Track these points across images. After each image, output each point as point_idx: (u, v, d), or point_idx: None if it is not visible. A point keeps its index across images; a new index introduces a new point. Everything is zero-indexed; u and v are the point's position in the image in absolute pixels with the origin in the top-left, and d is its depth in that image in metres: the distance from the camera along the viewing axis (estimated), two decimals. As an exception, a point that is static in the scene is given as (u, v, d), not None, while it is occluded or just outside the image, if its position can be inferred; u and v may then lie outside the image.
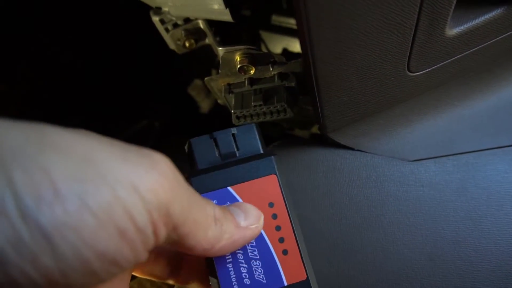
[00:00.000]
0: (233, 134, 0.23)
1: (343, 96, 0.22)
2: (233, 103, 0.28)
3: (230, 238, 0.19)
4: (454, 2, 0.18)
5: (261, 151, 0.23)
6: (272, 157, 0.22)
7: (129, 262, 0.14)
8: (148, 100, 0.50)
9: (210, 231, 0.17)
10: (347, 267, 0.24)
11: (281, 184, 0.22)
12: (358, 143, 0.27)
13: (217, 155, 0.23)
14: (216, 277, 0.21)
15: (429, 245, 0.24)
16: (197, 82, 0.44)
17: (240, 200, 0.21)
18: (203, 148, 0.23)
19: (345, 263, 0.24)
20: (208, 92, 0.45)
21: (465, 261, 0.23)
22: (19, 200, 0.12)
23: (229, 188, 0.22)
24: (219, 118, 0.46)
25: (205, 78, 0.28)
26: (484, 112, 0.26)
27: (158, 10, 0.28)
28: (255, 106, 0.27)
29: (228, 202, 0.21)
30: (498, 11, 0.20)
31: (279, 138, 0.36)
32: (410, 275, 0.24)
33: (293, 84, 0.27)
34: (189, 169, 0.23)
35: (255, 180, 0.22)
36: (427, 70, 0.23)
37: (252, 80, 0.27)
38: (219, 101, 0.32)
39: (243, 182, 0.22)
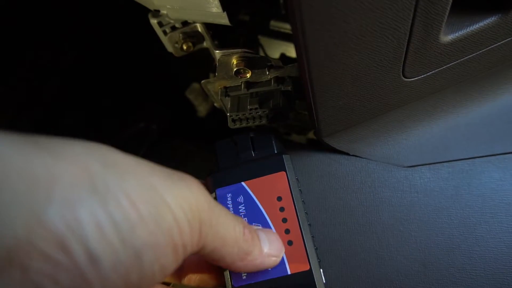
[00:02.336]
0: (251, 137, 0.27)
1: (338, 101, 0.22)
2: (229, 106, 0.28)
3: (252, 261, 0.20)
4: (448, 8, 0.18)
5: (275, 151, 0.26)
6: (283, 156, 0.25)
7: (171, 272, 0.16)
8: (146, 102, 0.50)
9: (236, 248, 0.19)
10: (340, 272, 0.24)
11: (289, 180, 0.24)
12: (353, 148, 0.27)
13: (236, 155, 0.26)
14: None
15: (422, 252, 0.24)
16: (195, 85, 0.44)
17: (252, 193, 0.24)
18: (224, 149, 0.27)
19: (337, 269, 0.24)
20: (206, 95, 0.45)
21: (459, 268, 0.23)
22: (117, 228, 0.13)
23: (243, 183, 0.25)
24: (217, 122, 0.46)
25: (202, 81, 0.28)
26: (479, 120, 0.26)
27: (156, 13, 0.28)
28: (251, 109, 0.27)
29: (241, 196, 0.24)
30: (493, 19, 0.21)
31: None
32: (403, 281, 0.24)
33: (289, 88, 0.27)
34: (214, 166, 0.27)
35: (267, 176, 0.24)
36: (422, 76, 0.23)
37: (249, 84, 0.27)
38: (215, 104, 0.32)
39: (256, 178, 0.24)
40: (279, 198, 0.24)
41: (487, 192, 0.24)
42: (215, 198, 0.25)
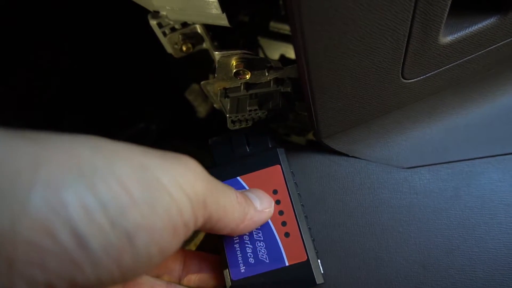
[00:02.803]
0: (245, 134, 0.27)
1: (338, 102, 0.22)
2: (228, 107, 0.28)
3: (251, 219, 0.21)
4: (447, 10, 0.18)
5: (269, 146, 0.26)
6: (277, 149, 0.25)
7: (172, 253, 0.16)
8: (146, 103, 0.50)
9: (236, 213, 0.20)
10: (339, 273, 0.24)
11: (284, 173, 0.24)
12: (352, 149, 0.27)
13: (231, 151, 0.26)
14: (225, 256, 0.23)
15: (422, 253, 0.24)
16: (195, 86, 0.44)
17: (248, 188, 0.24)
18: (219, 146, 0.27)
19: (337, 270, 0.24)
20: (205, 96, 0.45)
21: (458, 269, 0.23)
22: (106, 210, 0.13)
23: (238, 178, 0.25)
24: (216, 123, 0.46)
25: (202, 82, 0.28)
26: (478, 121, 0.26)
27: (156, 14, 0.28)
28: (250, 110, 0.27)
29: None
30: (491, 20, 0.21)
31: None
32: (402, 283, 0.24)
33: (288, 90, 0.27)
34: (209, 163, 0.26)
35: (262, 170, 0.25)
36: (422, 77, 0.23)
37: (248, 85, 0.27)
38: (215, 105, 0.32)
39: (251, 172, 0.25)
40: (275, 191, 0.24)
41: (486, 193, 0.24)
42: None
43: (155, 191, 0.14)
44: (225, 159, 0.26)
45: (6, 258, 0.11)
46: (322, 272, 0.23)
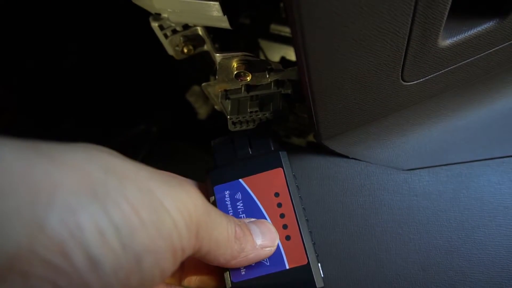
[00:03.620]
0: (248, 135, 0.27)
1: (338, 104, 0.23)
2: (229, 109, 0.28)
3: (246, 257, 0.21)
4: (446, 13, 0.19)
5: (272, 148, 0.26)
6: (280, 152, 0.25)
7: (169, 275, 0.16)
8: (146, 105, 0.50)
9: (228, 250, 0.20)
10: (339, 275, 0.24)
11: (286, 177, 0.24)
12: (352, 151, 0.27)
13: (233, 152, 0.26)
14: None
15: (421, 255, 0.24)
16: (195, 88, 0.45)
17: (249, 190, 0.24)
18: (222, 147, 0.27)
19: (337, 271, 0.24)
20: (206, 98, 0.45)
21: (457, 271, 0.23)
22: (119, 232, 0.13)
23: (240, 180, 0.25)
24: (217, 125, 0.46)
25: (202, 84, 0.28)
26: (477, 124, 0.26)
27: (157, 16, 0.28)
28: (251, 112, 0.27)
29: (239, 192, 0.25)
30: (490, 23, 0.21)
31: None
32: (402, 284, 0.24)
33: (289, 91, 0.27)
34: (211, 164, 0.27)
35: (264, 173, 0.25)
36: (421, 80, 0.23)
37: (249, 87, 0.28)
38: (216, 107, 0.32)
39: (253, 175, 0.25)
40: (277, 194, 0.24)
41: (485, 195, 0.25)
42: (214, 196, 0.25)
43: (160, 214, 0.15)
44: (227, 160, 0.26)
45: (22, 272, 0.12)
46: (322, 276, 0.23)
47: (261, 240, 0.22)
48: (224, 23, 0.25)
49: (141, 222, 0.14)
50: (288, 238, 0.23)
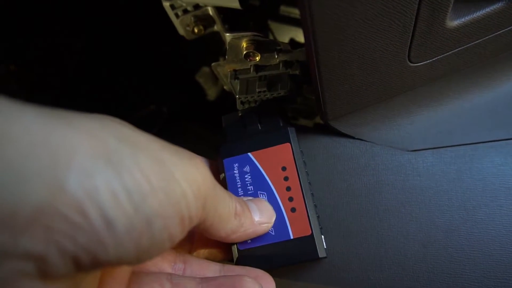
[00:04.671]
0: (257, 112, 0.28)
1: (344, 84, 0.23)
2: (238, 88, 0.28)
3: (244, 232, 0.22)
4: (454, -7, 0.19)
5: (281, 125, 0.27)
6: (288, 128, 0.26)
7: (178, 241, 0.17)
8: (157, 86, 0.51)
9: (229, 224, 0.21)
10: (342, 251, 0.25)
11: (294, 151, 0.25)
12: (358, 132, 0.27)
13: (243, 127, 0.27)
14: None
15: (423, 233, 0.25)
16: (205, 69, 0.45)
17: (258, 163, 0.26)
18: (231, 122, 0.28)
19: (339, 247, 0.25)
20: (215, 79, 0.46)
21: (457, 249, 0.24)
22: (131, 196, 0.14)
23: (249, 154, 0.26)
24: (226, 105, 0.47)
25: (212, 64, 0.29)
26: (483, 106, 0.27)
27: (169, -4, 0.28)
28: (259, 92, 0.27)
29: (248, 166, 0.26)
30: (499, 4, 0.21)
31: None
32: (403, 260, 0.24)
33: (297, 72, 0.27)
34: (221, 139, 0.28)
35: (272, 147, 0.26)
36: (428, 61, 0.23)
37: (258, 67, 0.28)
38: (225, 87, 0.33)
39: (261, 149, 0.26)
40: (284, 168, 0.25)
41: (488, 176, 0.25)
42: (224, 171, 0.26)
43: (170, 183, 0.16)
44: (236, 135, 0.27)
45: (45, 226, 0.13)
46: (325, 247, 0.24)
47: (258, 216, 0.23)
48: (235, 3, 0.25)
49: (151, 188, 0.15)
50: (293, 210, 0.24)
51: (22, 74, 0.46)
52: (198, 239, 0.25)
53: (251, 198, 0.25)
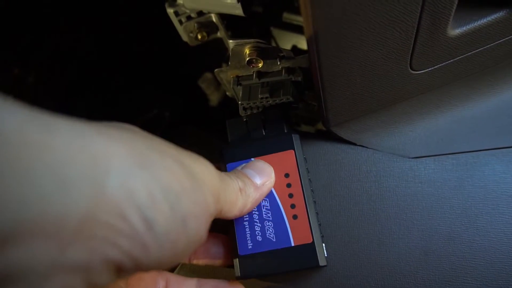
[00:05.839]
0: (262, 117, 0.28)
1: (346, 91, 0.23)
2: (240, 94, 0.29)
3: (253, 200, 0.23)
4: (456, 2, 0.19)
5: (285, 131, 0.27)
6: (292, 135, 0.26)
7: (204, 241, 0.18)
8: (159, 90, 0.52)
9: (239, 202, 0.22)
10: (343, 257, 0.25)
11: (297, 159, 0.25)
12: (360, 138, 0.27)
13: (246, 133, 0.27)
14: (234, 232, 0.24)
15: (424, 240, 0.25)
16: (208, 75, 0.45)
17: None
18: (235, 127, 0.28)
19: (341, 253, 0.25)
20: (218, 85, 0.46)
21: (459, 257, 0.24)
22: (167, 196, 0.15)
23: (252, 159, 0.26)
24: (228, 111, 0.47)
25: (215, 70, 0.29)
26: (485, 114, 0.27)
27: (173, 3, 0.29)
28: (261, 98, 0.28)
29: None
30: (501, 13, 0.21)
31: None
32: (404, 267, 0.24)
33: (299, 79, 0.28)
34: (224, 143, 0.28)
35: (275, 153, 0.26)
36: (430, 69, 0.23)
37: (260, 73, 0.28)
38: (227, 93, 0.33)
39: (265, 155, 0.26)
40: (287, 175, 0.25)
41: (489, 184, 0.25)
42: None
43: (195, 183, 0.16)
44: (240, 140, 0.27)
45: (89, 236, 0.13)
46: (325, 255, 0.24)
47: (259, 179, 0.24)
48: (238, 10, 0.25)
49: (183, 188, 0.15)
50: (295, 217, 0.24)
51: (26, 78, 0.47)
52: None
53: (244, 164, 0.25)
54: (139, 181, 0.14)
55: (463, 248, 0.24)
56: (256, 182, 0.23)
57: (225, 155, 0.27)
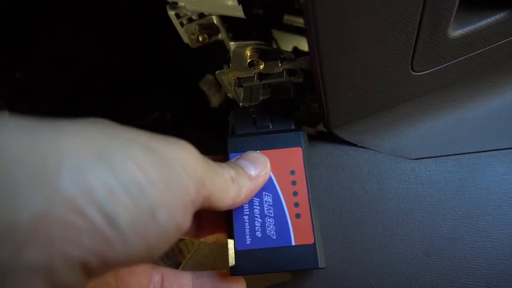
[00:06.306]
0: (270, 110, 0.27)
1: (348, 93, 0.23)
2: (242, 96, 0.29)
3: (247, 190, 0.22)
4: (457, 4, 0.19)
5: (293, 127, 0.26)
6: (302, 132, 0.25)
7: (186, 230, 0.17)
8: (161, 93, 0.52)
9: (231, 191, 0.21)
10: (343, 259, 0.25)
11: (304, 157, 0.25)
12: (361, 140, 0.27)
13: (253, 124, 0.27)
14: (232, 226, 0.24)
15: (426, 241, 0.25)
16: (209, 77, 0.46)
17: None
18: (242, 116, 0.27)
19: (342, 255, 0.25)
20: (219, 87, 0.46)
21: (461, 258, 0.24)
22: (128, 190, 0.14)
23: (258, 152, 0.25)
24: (229, 113, 0.47)
25: (216, 72, 0.29)
26: (486, 115, 0.27)
27: (174, 5, 0.29)
28: (263, 100, 0.28)
29: None
30: (501, 15, 0.21)
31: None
32: (406, 269, 0.24)
33: (300, 80, 0.28)
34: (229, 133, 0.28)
35: (282, 149, 0.25)
36: (431, 70, 0.23)
37: (261, 75, 0.28)
38: (229, 94, 0.33)
39: (271, 149, 0.25)
40: (292, 172, 0.24)
41: (491, 185, 0.25)
42: None
43: (166, 171, 0.15)
44: (245, 131, 0.26)
45: (45, 236, 0.12)
46: (324, 259, 0.23)
47: (253, 170, 0.23)
48: (239, 12, 0.25)
49: (148, 179, 0.15)
50: (298, 216, 0.23)
51: (28, 81, 0.47)
52: (204, 225, 0.25)
53: (238, 156, 0.24)
54: (94, 176, 0.13)
55: (465, 250, 0.24)
56: (250, 173, 0.23)
57: (228, 144, 0.26)
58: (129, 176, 0.14)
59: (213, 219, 0.25)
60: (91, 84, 0.50)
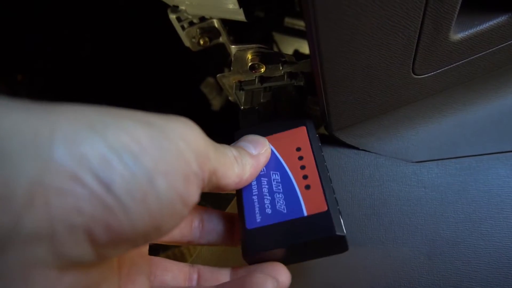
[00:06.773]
0: (274, 104, 0.27)
1: (349, 96, 0.23)
2: (243, 99, 0.29)
3: (251, 167, 0.22)
4: (458, 7, 0.19)
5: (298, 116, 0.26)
6: (306, 119, 0.26)
7: (192, 203, 0.17)
8: (162, 95, 0.52)
9: (236, 167, 0.21)
10: (346, 262, 0.25)
11: (309, 134, 0.25)
12: (362, 142, 0.27)
13: (259, 119, 0.28)
14: (242, 207, 0.23)
15: (428, 245, 0.25)
16: (210, 80, 0.46)
17: (272, 146, 0.25)
18: (248, 115, 0.28)
19: (343, 259, 0.25)
20: (220, 90, 0.46)
21: (464, 261, 0.24)
22: (121, 158, 0.14)
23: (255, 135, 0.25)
24: (230, 115, 0.47)
25: (218, 75, 0.29)
26: (488, 118, 0.27)
27: (175, 9, 0.29)
28: (263, 102, 0.28)
29: None
30: (502, 18, 0.21)
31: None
32: (408, 272, 0.24)
33: (301, 84, 0.28)
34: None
35: (287, 131, 0.26)
36: (432, 73, 0.23)
37: (262, 78, 0.28)
38: (230, 97, 0.33)
39: (276, 133, 0.26)
40: (298, 149, 0.24)
41: (493, 188, 0.25)
42: None
43: (162, 141, 0.15)
44: (250, 123, 0.27)
45: (43, 203, 0.12)
46: (343, 224, 0.21)
47: (253, 148, 0.23)
48: (240, 16, 0.25)
49: (141, 147, 0.14)
50: (307, 187, 0.22)
51: (29, 83, 0.47)
52: (207, 230, 0.25)
53: (237, 141, 0.24)
54: (88, 145, 0.13)
55: (468, 253, 0.24)
56: (252, 152, 0.23)
57: (236, 136, 0.26)
58: (121, 144, 0.14)
59: (216, 223, 0.25)
60: (92, 86, 0.50)
